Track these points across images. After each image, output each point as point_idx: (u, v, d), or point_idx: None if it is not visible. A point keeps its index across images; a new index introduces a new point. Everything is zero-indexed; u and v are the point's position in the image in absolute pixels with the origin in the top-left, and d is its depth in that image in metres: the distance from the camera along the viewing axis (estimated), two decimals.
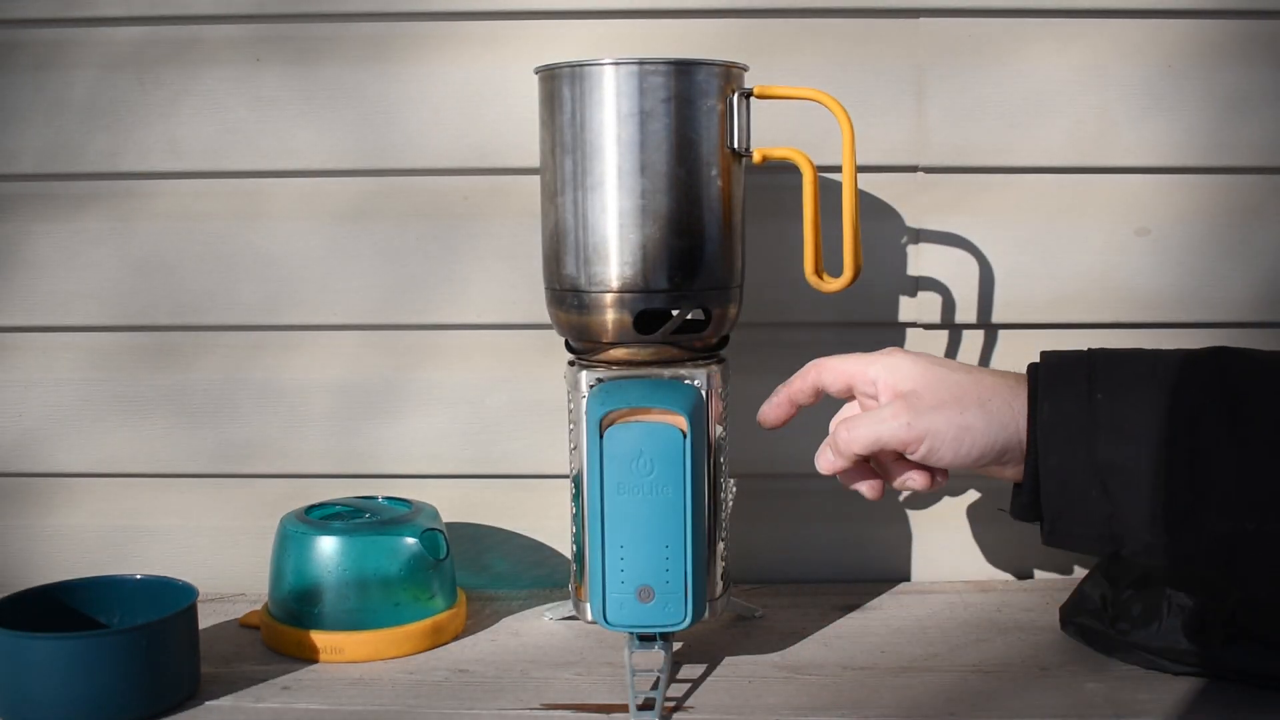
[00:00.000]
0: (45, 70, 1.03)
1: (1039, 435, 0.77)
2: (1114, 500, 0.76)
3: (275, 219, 1.04)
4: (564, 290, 0.86)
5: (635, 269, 0.84)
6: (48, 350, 1.06)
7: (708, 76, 0.84)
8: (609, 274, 0.84)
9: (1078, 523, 0.78)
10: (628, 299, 0.84)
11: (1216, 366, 0.75)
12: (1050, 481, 0.77)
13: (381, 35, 1.02)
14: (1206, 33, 1.01)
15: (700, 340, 0.87)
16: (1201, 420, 0.73)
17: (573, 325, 0.87)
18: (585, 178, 0.84)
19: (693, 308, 0.86)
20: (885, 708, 0.82)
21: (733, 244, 0.87)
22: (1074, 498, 0.77)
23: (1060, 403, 0.76)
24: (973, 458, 0.79)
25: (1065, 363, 0.78)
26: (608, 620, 0.83)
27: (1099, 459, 0.75)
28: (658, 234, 0.84)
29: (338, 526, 0.93)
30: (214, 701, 0.84)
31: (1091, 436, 0.76)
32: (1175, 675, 0.85)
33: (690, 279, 0.85)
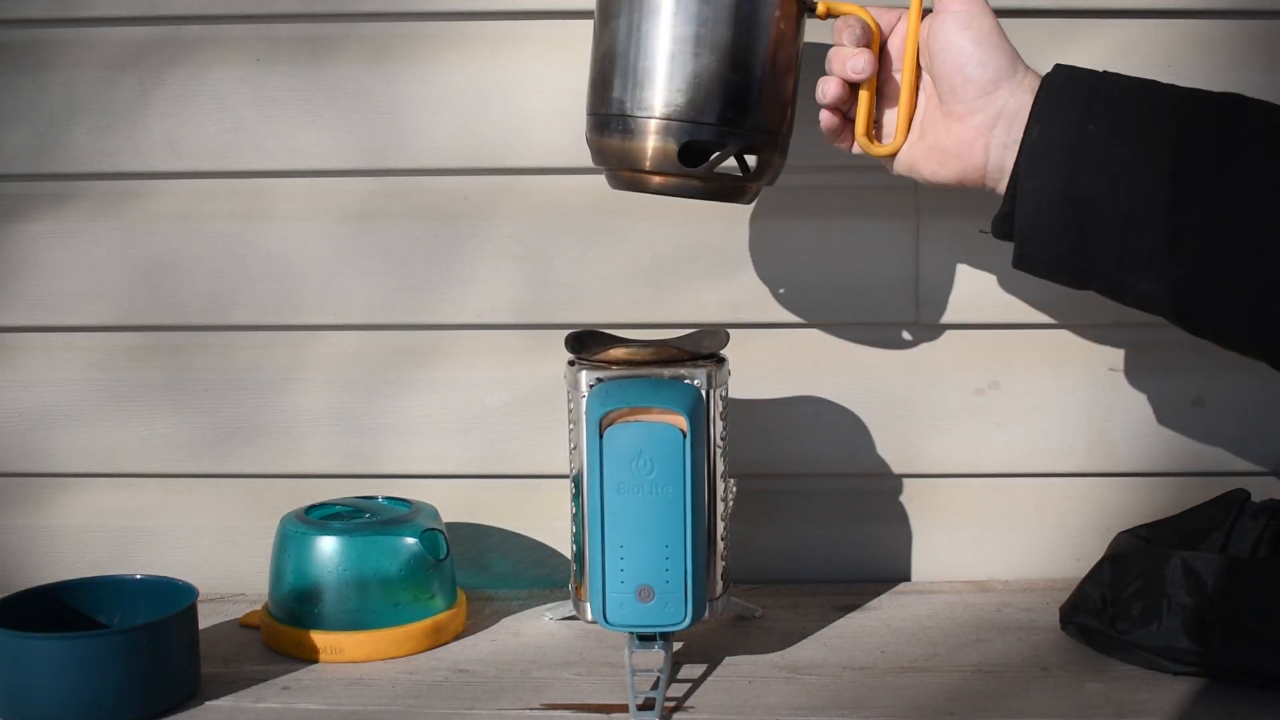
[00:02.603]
0: (45, 70, 1.03)
1: (1022, 156, 0.77)
2: (1084, 233, 0.75)
3: (275, 219, 1.04)
4: (610, 115, 0.84)
5: (686, 98, 0.82)
6: (48, 350, 1.06)
7: None
8: (657, 100, 0.82)
9: (1046, 250, 0.77)
10: (674, 127, 0.82)
11: (1221, 116, 0.74)
12: (1025, 204, 0.77)
13: (382, 35, 1.02)
14: (1206, 33, 1.00)
15: (744, 186, 0.86)
16: (1187, 167, 0.73)
17: (615, 152, 0.85)
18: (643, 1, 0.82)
19: (741, 146, 0.84)
20: (885, 708, 0.82)
21: (787, 91, 0.85)
22: (1045, 225, 0.77)
23: (1049, 127, 0.76)
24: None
25: (1070, 84, 0.77)
26: (608, 620, 0.83)
27: (1075, 191, 0.75)
28: (713, 65, 0.82)
29: (338, 526, 0.93)
30: (214, 701, 0.84)
31: (1073, 166, 0.75)
32: (1175, 675, 0.85)
33: (741, 116, 0.83)
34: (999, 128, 0.79)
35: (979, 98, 0.79)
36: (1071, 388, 1.04)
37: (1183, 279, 0.73)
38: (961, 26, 0.79)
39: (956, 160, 0.81)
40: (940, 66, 0.81)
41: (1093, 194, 0.74)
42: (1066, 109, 0.76)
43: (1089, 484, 1.06)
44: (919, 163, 0.84)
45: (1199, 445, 1.05)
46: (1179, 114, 0.75)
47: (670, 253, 1.03)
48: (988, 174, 0.80)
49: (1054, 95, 0.77)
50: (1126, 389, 1.04)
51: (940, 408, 1.05)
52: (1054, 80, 0.78)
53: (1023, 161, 0.77)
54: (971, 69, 0.79)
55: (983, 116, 0.79)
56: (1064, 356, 1.04)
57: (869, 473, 1.06)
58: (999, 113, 0.79)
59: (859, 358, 1.05)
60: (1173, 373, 1.04)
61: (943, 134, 0.82)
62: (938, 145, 0.82)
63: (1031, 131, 0.77)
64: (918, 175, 0.84)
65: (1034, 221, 0.77)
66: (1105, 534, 0.97)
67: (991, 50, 0.79)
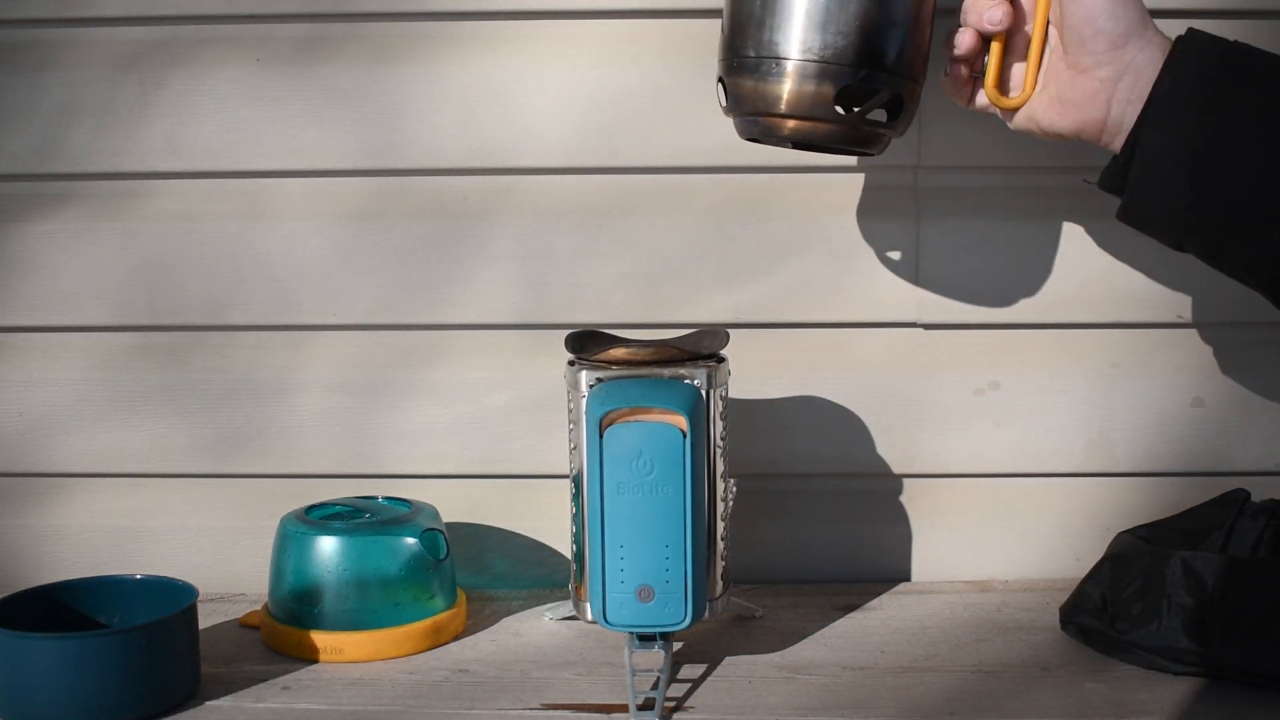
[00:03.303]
0: (45, 70, 1.03)
1: (1151, 106, 0.78)
2: (1198, 191, 0.76)
3: (275, 219, 1.04)
4: (759, 57, 0.83)
5: (845, 41, 0.81)
6: (48, 350, 1.06)
7: None
8: (815, 42, 0.82)
9: (1156, 203, 0.78)
10: (828, 69, 0.82)
11: None
12: (1144, 154, 0.78)
13: (382, 36, 1.02)
14: None
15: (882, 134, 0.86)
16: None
17: (758, 94, 0.84)
18: None
19: (892, 93, 0.84)
20: (885, 708, 0.82)
21: (927, 39, 0.85)
22: (1160, 177, 0.77)
23: (1180, 83, 0.77)
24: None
25: (1205, 46, 0.78)
26: (608, 620, 0.83)
27: (1198, 147, 0.76)
28: (871, 10, 0.81)
29: (338, 526, 0.93)
30: (214, 701, 0.84)
31: (1198, 124, 0.76)
32: (1175, 675, 0.85)
33: (895, 62, 0.83)
34: (1124, 82, 0.79)
35: (1108, 50, 0.79)
36: (1071, 388, 1.04)
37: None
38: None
39: (1077, 111, 0.81)
40: (1071, 17, 0.81)
41: (1214, 154, 0.75)
42: (1199, 68, 0.77)
43: (1089, 484, 1.06)
44: (1039, 114, 0.84)
45: (1199, 445, 1.05)
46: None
47: (670, 253, 1.03)
48: (1107, 127, 0.81)
49: (1189, 53, 0.78)
50: (1126, 389, 1.04)
51: (940, 408, 1.05)
52: (1188, 41, 0.79)
53: (1152, 110, 0.77)
54: (1104, 21, 0.79)
55: (1110, 69, 0.79)
56: (1064, 356, 1.04)
57: (869, 473, 1.06)
58: (1127, 67, 0.79)
59: (859, 358, 1.05)
60: (1173, 373, 1.04)
61: (1067, 85, 0.82)
62: (1061, 96, 0.82)
63: (1163, 82, 0.77)
64: (1035, 126, 0.85)
65: (1149, 174, 0.78)
66: (1105, 534, 0.97)
67: (1124, 4, 0.79)
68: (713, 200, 1.02)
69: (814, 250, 1.03)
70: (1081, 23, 0.80)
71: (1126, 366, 1.04)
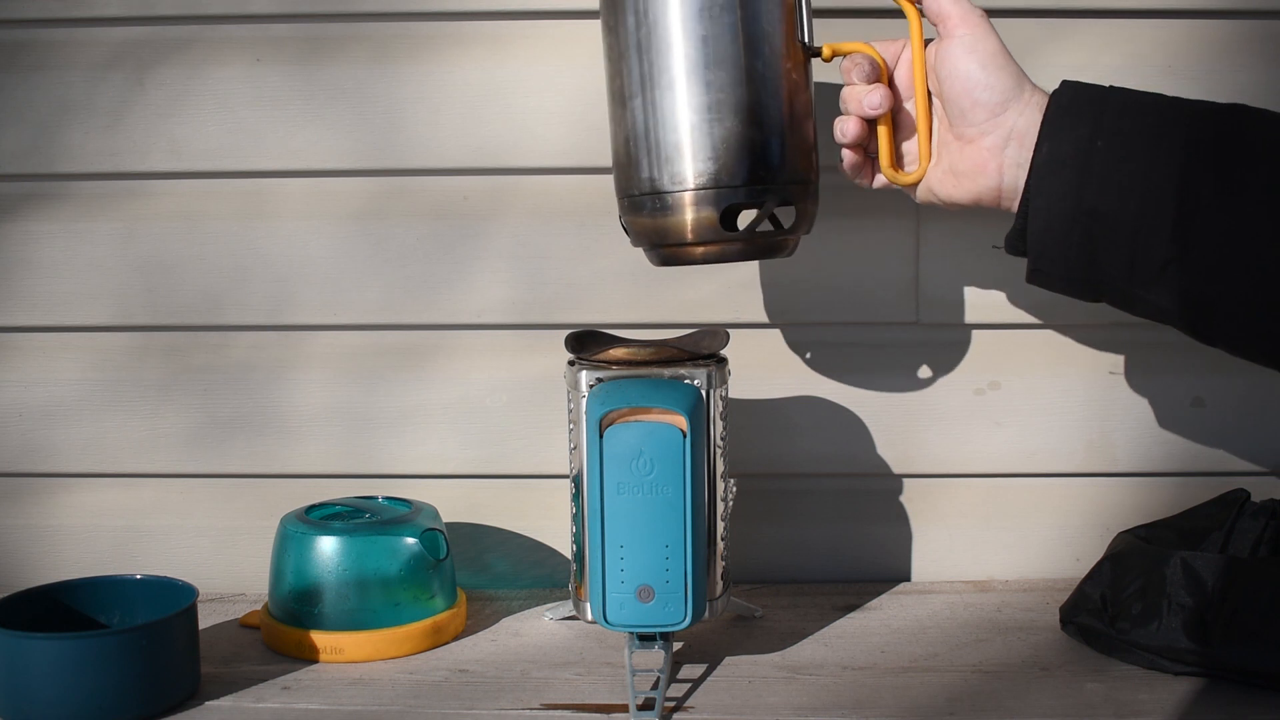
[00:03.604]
0: (45, 70, 1.03)
1: (1032, 175, 0.78)
2: (1096, 247, 0.76)
3: (276, 219, 1.04)
4: (643, 195, 0.84)
5: (718, 164, 0.82)
6: (48, 350, 1.06)
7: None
8: (688, 172, 0.82)
9: (1059, 265, 0.78)
10: (710, 195, 0.82)
11: (1223, 128, 0.75)
12: (1037, 221, 0.77)
13: (382, 35, 1.02)
14: (1206, 33, 1.01)
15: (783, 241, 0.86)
16: (1194, 179, 0.73)
17: (655, 230, 0.85)
18: (660, 77, 0.82)
19: (777, 201, 0.84)
20: (885, 708, 0.82)
21: (809, 138, 0.86)
22: (1057, 240, 0.77)
23: (1058, 144, 0.77)
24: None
25: (1077, 100, 0.78)
26: (608, 620, 0.83)
27: (1085, 205, 0.75)
28: (738, 128, 0.82)
29: (338, 526, 0.93)
30: (214, 701, 0.84)
31: (1082, 183, 0.76)
32: (1175, 675, 0.85)
33: (773, 172, 0.83)
34: (1010, 147, 0.79)
35: (988, 119, 0.79)
36: (1071, 388, 1.04)
37: (1193, 290, 0.74)
38: (967, 50, 0.80)
39: (971, 182, 0.81)
40: (949, 91, 0.81)
41: (1103, 208, 0.75)
42: (1075, 125, 0.76)
43: (1089, 484, 1.06)
44: (935, 187, 0.84)
45: (1199, 445, 1.05)
46: (1185, 127, 0.75)
47: None
48: (1003, 194, 0.81)
49: (1062, 112, 0.77)
50: (1126, 389, 1.04)
51: (940, 408, 1.05)
52: (1061, 97, 0.78)
53: (1033, 180, 0.77)
54: (979, 92, 0.79)
55: (994, 138, 0.80)
56: (1064, 356, 1.04)
57: (869, 473, 1.06)
58: (1009, 133, 0.79)
59: (859, 358, 1.05)
60: (1173, 373, 1.04)
61: (957, 157, 0.82)
62: (952, 168, 0.83)
63: (1041, 149, 0.77)
64: (936, 199, 0.85)
65: (1045, 237, 0.77)
66: (1105, 534, 0.97)
67: (997, 72, 0.79)
68: None
69: (814, 250, 1.03)
70: (959, 95, 0.80)
71: (1126, 367, 1.04)
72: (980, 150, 0.80)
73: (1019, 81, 0.79)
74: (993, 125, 0.79)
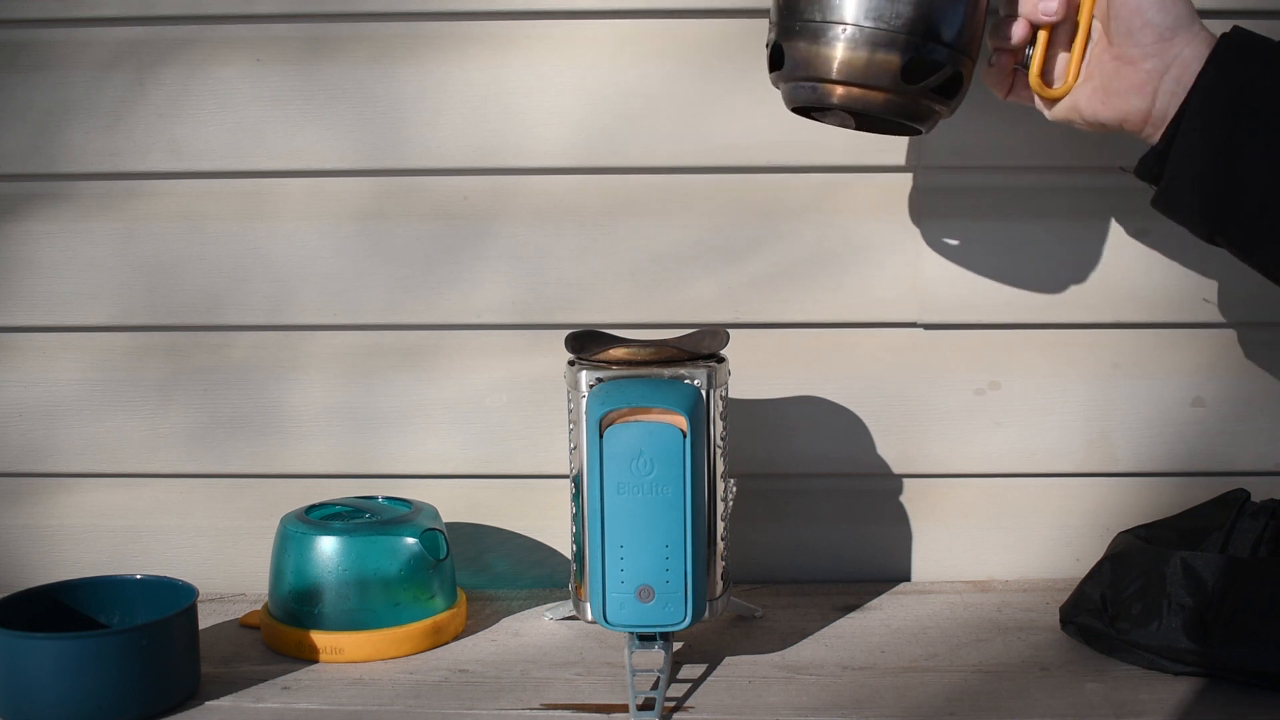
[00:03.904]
0: (44, 70, 1.03)
1: (1194, 95, 0.78)
2: (1234, 182, 0.76)
3: (276, 219, 1.04)
4: (826, 22, 0.81)
5: (919, 11, 0.80)
6: (48, 350, 1.06)
7: None
8: (889, 12, 0.80)
9: (1191, 191, 0.78)
10: (901, 40, 0.80)
11: None
12: (1184, 142, 0.78)
13: (383, 35, 1.02)
14: None
15: (941, 109, 0.85)
16: None
17: (823, 60, 0.82)
18: None
19: (956, 68, 0.83)
20: (885, 708, 0.82)
21: (984, 22, 0.85)
22: (1198, 167, 0.77)
23: (1225, 74, 0.77)
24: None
25: (1250, 42, 0.78)
26: (608, 620, 0.83)
27: (1237, 139, 0.76)
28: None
29: (338, 526, 0.93)
30: (214, 701, 0.84)
31: (1240, 116, 0.76)
32: (1175, 675, 0.85)
33: (962, 40, 0.82)
34: (1170, 74, 0.79)
35: (1156, 42, 0.79)
36: (1071, 388, 1.04)
37: None
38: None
39: (1122, 101, 0.81)
40: (1120, 9, 0.80)
41: (1253, 146, 0.75)
42: (1245, 62, 0.77)
43: (1089, 484, 1.06)
44: (1082, 104, 0.84)
45: (1199, 445, 1.05)
46: None
47: (670, 253, 1.03)
48: (1151, 119, 0.81)
49: (1233, 49, 0.78)
50: (1126, 389, 1.04)
51: (940, 408, 1.05)
52: (1233, 37, 0.79)
53: (1195, 99, 0.77)
54: (1152, 14, 0.79)
55: (1156, 61, 0.79)
56: (1064, 356, 1.04)
57: (869, 473, 1.06)
58: (1173, 60, 0.79)
59: (859, 358, 1.05)
60: (1173, 373, 1.04)
61: (1112, 76, 0.82)
62: (1105, 87, 0.82)
63: (1208, 72, 0.77)
64: (1078, 116, 0.84)
65: (1186, 162, 0.78)
66: (1105, 534, 0.97)
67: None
68: (713, 200, 1.02)
69: (814, 250, 1.03)
70: (1130, 14, 0.80)
71: (1126, 366, 1.04)
72: (1140, 71, 0.80)
73: (1191, 13, 0.79)
74: (1158, 49, 0.79)
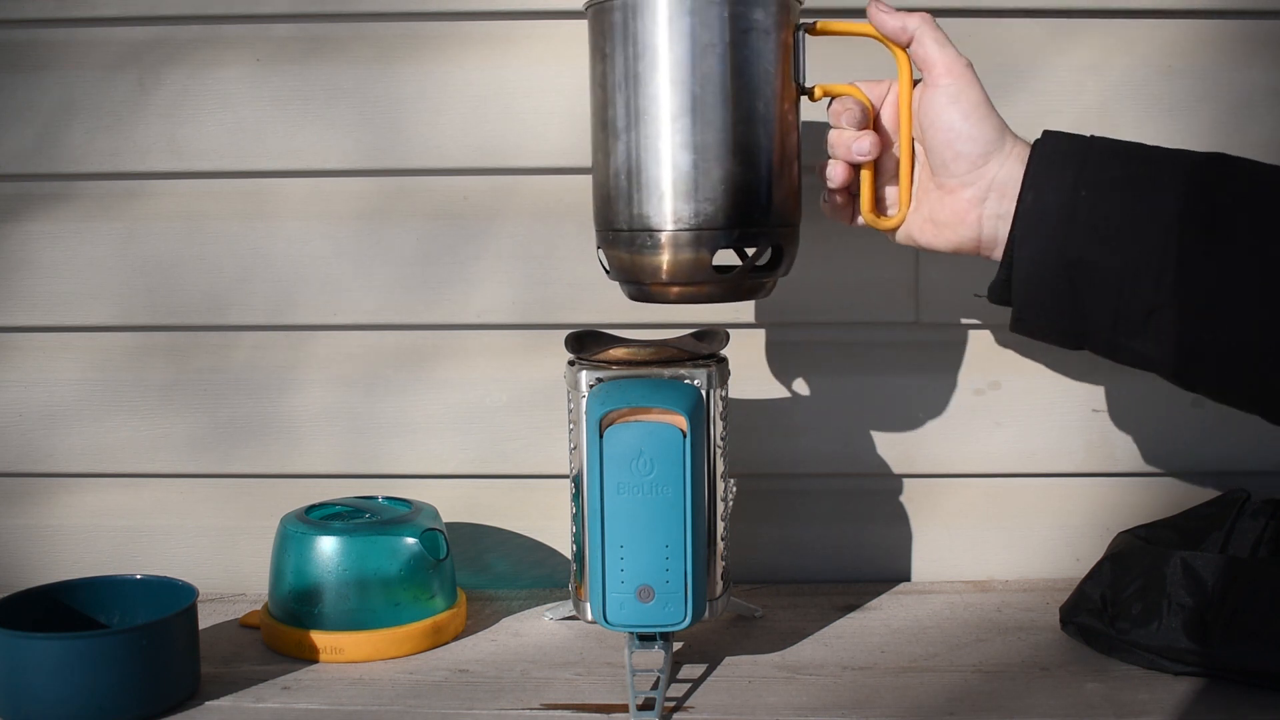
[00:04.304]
0: (45, 70, 1.03)
1: (1017, 224, 0.77)
2: (1080, 297, 0.76)
3: (276, 219, 1.04)
4: (630, 230, 0.82)
5: (712, 205, 0.81)
6: (48, 350, 1.06)
7: (776, 7, 0.81)
8: (681, 211, 0.81)
9: (1043, 315, 0.78)
10: (701, 236, 0.81)
11: (1208, 176, 0.75)
12: (1021, 271, 0.77)
13: (383, 35, 1.02)
14: (1206, 33, 1.01)
15: (764, 282, 0.85)
16: (1177, 228, 0.73)
17: (637, 267, 0.83)
18: (656, 112, 0.80)
19: (767, 245, 0.84)
20: (885, 708, 0.82)
21: (797, 180, 0.85)
22: (1041, 291, 0.77)
23: (1042, 194, 0.76)
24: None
25: (1060, 150, 0.78)
26: (608, 620, 0.83)
27: (1069, 255, 0.75)
28: (733, 169, 0.80)
29: (338, 526, 0.93)
30: (214, 701, 0.84)
31: (1067, 233, 0.75)
32: (1175, 675, 0.85)
33: (764, 216, 0.82)
34: (991, 199, 0.79)
35: (969, 171, 0.79)
36: (1071, 388, 1.04)
37: (1178, 339, 0.74)
38: (950, 100, 0.80)
39: (951, 232, 0.81)
40: (931, 141, 0.81)
41: (1088, 258, 0.75)
42: (1058, 174, 0.76)
43: (1089, 484, 1.06)
44: (915, 233, 0.84)
45: (1199, 445, 1.05)
46: (1169, 175, 0.75)
47: None
48: (982, 243, 0.81)
49: (1045, 162, 0.77)
50: (1126, 389, 1.04)
51: (940, 408, 1.05)
52: (1043, 146, 0.78)
53: (1018, 229, 0.77)
54: (961, 144, 0.79)
55: (974, 189, 0.80)
56: (1064, 356, 1.04)
57: (869, 473, 1.06)
58: (990, 184, 0.79)
59: (859, 358, 1.05)
60: None
61: (937, 206, 0.82)
62: (933, 217, 0.82)
63: (1025, 199, 0.77)
64: (916, 245, 0.85)
65: (1030, 288, 0.77)
66: (1105, 534, 0.97)
67: (980, 123, 0.79)
68: None
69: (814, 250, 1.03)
70: (941, 147, 0.80)
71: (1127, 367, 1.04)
72: (960, 201, 0.80)
73: (1001, 133, 0.79)
74: (974, 177, 0.79)
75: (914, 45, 0.81)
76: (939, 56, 0.80)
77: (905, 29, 0.81)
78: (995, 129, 0.79)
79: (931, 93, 0.80)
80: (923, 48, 0.80)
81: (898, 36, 0.81)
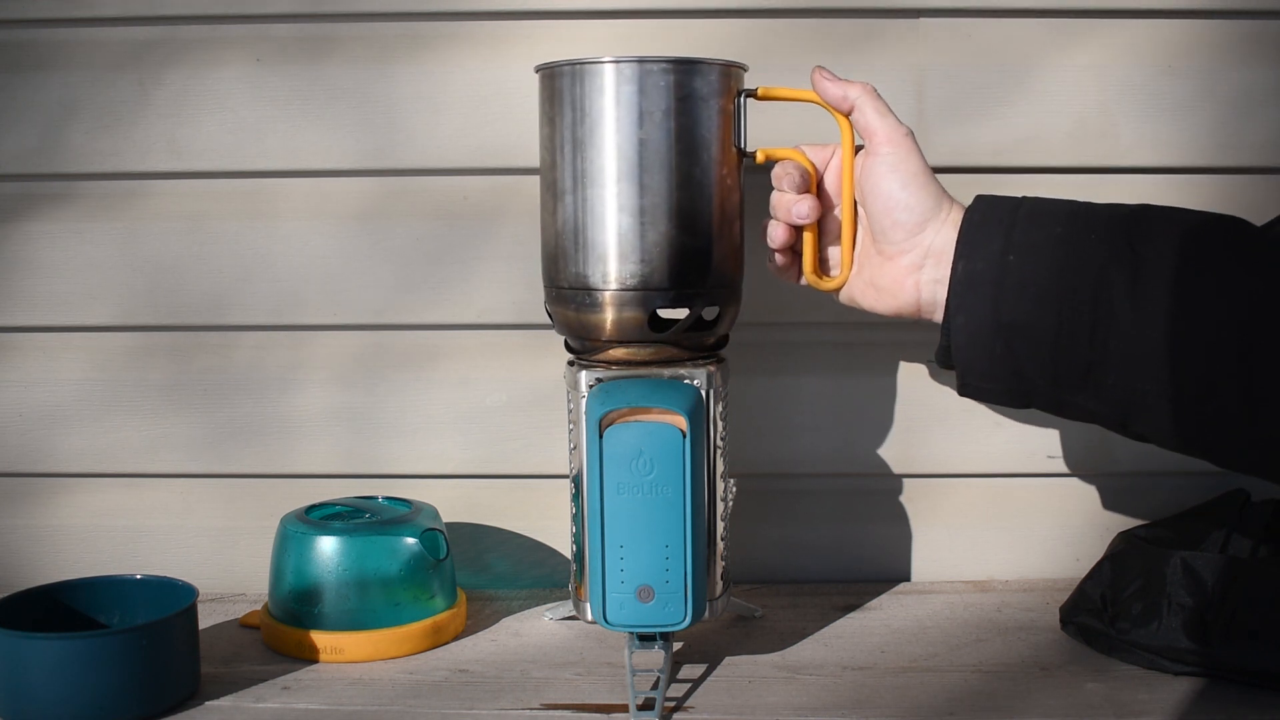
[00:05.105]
0: (45, 70, 1.03)
1: (951, 294, 0.78)
2: (1018, 358, 0.76)
3: (276, 219, 1.04)
4: (571, 289, 0.85)
5: (649, 267, 0.83)
6: (48, 350, 1.06)
7: (717, 76, 0.84)
8: (619, 272, 0.84)
9: (986, 378, 0.78)
10: (639, 296, 0.84)
11: (1130, 228, 0.75)
12: (959, 338, 0.78)
13: (383, 35, 1.02)
14: (1206, 33, 1.01)
15: (705, 339, 0.87)
16: (1105, 283, 0.74)
17: (581, 324, 0.86)
18: (595, 175, 0.83)
19: (705, 305, 0.85)
20: (885, 708, 0.82)
21: (737, 239, 0.87)
22: (981, 355, 0.78)
23: (972, 262, 0.77)
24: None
25: (989, 216, 0.78)
26: (608, 620, 0.83)
27: (1003, 319, 0.76)
28: (670, 232, 0.83)
29: (338, 526, 0.93)
30: (214, 701, 0.84)
31: (998, 297, 0.76)
32: (1175, 675, 0.85)
33: (703, 277, 0.85)
34: (927, 266, 0.80)
35: (906, 239, 0.80)
36: None
37: (1117, 392, 0.74)
38: (890, 169, 0.80)
39: (890, 297, 0.82)
40: (871, 208, 0.82)
41: (1020, 321, 0.75)
42: (987, 241, 0.77)
43: (1089, 484, 1.06)
44: (857, 296, 0.85)
45: None
46: (1094, 231, 0.75)
47: None
48: (921, 308, 0.81)
49: (974, 229, 0.78)
50: None
51: (940, 408, 1.05)
52: (974, 214, 0.78)
53: (951, 298, 0.78)
54: (899, 213, 0.80)
55: (911, 256, 0.80)
56: None
57: (869, 473, 1.06)
58: (926, 252, 0.80)
59: (859, 358, 1.05)
60: None
61: (877, 271, 0.83)
62: (873, 282, 0.83)
63: (957, 268, 0.78)
64: (859, 307, 0.85)
65: (970, 354, 0.78)
66: (1105, 534, 0.97)
67: (918, 192, 0.80)
68: None
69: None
70: (880, 213, 0.81)
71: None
72: (898, 268, 0.81)
73: (938, 201, 0.80)
74: (910, 245, 0.80)
75: (855, 113, 0.82)
76: (879, 125, 0.81)
77: (847, 98, 0.82)
78: (933, 196, 0.80)
79: (872, 160, 0.81)
80: (864, 116, 0.82)
81: (839, 104, 0.83)
